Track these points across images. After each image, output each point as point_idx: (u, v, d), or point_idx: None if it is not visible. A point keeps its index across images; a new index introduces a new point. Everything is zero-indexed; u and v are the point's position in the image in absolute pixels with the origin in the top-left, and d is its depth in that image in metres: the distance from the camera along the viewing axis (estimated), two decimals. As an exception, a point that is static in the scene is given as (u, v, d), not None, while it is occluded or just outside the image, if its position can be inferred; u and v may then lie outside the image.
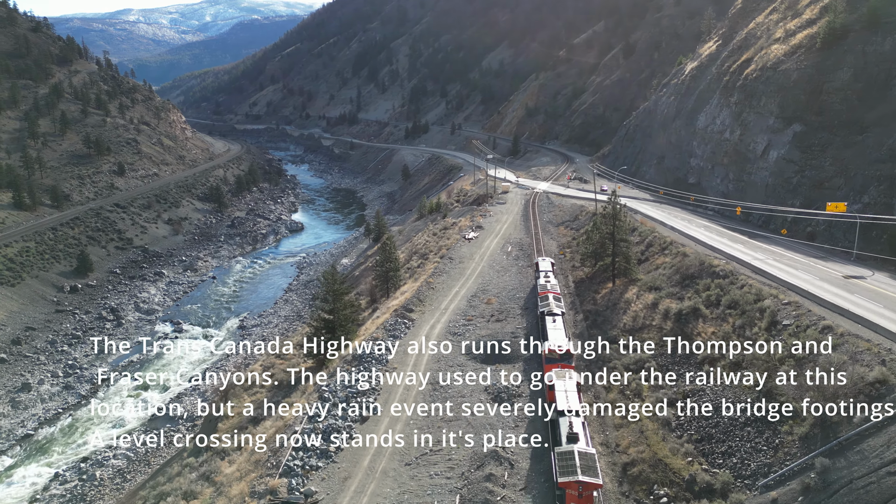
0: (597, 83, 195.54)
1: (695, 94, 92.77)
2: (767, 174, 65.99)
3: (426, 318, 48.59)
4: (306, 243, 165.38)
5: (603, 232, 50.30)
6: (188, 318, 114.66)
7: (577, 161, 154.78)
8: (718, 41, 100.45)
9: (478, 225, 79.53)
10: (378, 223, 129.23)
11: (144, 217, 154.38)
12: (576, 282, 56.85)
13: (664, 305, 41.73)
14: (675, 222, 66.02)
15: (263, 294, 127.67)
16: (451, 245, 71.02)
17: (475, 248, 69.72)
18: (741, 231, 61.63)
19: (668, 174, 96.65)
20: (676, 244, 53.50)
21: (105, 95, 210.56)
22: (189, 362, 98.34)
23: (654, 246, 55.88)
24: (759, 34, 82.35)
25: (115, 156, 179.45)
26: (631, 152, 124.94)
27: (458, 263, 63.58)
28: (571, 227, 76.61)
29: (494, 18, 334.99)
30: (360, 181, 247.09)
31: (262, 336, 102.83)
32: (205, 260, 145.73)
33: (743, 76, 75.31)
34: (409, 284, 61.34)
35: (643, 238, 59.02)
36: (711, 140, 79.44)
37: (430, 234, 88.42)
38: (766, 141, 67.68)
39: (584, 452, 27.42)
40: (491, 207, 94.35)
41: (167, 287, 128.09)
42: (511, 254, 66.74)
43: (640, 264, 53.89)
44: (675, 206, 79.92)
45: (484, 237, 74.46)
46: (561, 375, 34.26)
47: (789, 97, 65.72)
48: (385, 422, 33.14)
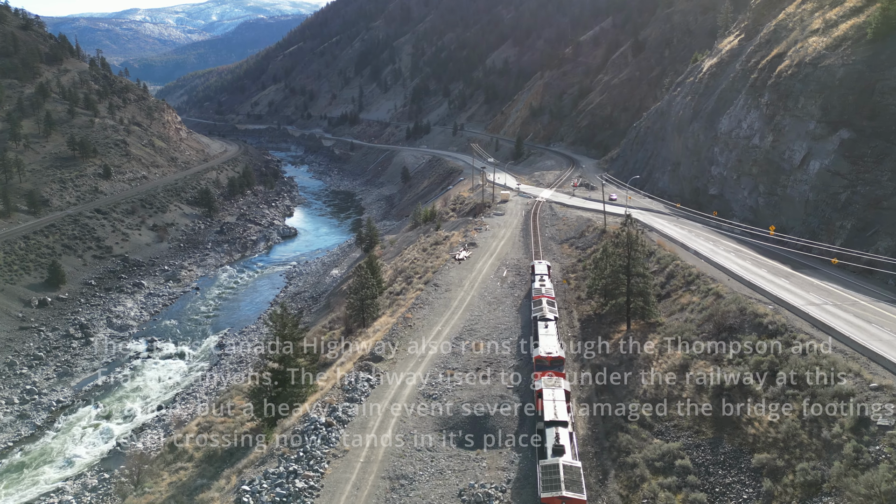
0: (604, 82, 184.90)
1: (715, 94, 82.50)
2: (807, 188, 55.81)
3: (397, 371, 38.95)
4: (299, 250, 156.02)
5: (615, 264, 40.47)
6: (164, 335, 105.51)
7: (583, 165, 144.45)
8: (741, 35, 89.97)
9: (471, 242, 69.77)
10: (370, 232, 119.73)
11: (127, 223, 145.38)
12: (581, 320, 46.93)
13: (697, 371, 31.69)
14: (699, 245, 55.87)
15: (247, 308, 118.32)
16: (439, 267, 61.36)
17: (466, 271, 60.04)
18: (779, 257, 51.47)
19: (684, 183, 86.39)
20: (704, 277, 43.45)
21: (95, 95, 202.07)
22: (159, 387, 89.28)
23: (677, 277, 45.86)
24: (790, 26, 71.98)
25: (101, 158, 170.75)
26: (641, 157, 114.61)
27: (444, 292, 53.92)
28: (577, 245, 66.65)
29: (499, 16, 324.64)
30: (360, 183, 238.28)
31: (240, 357, 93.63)
32: (189, 269, 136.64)
33: (775, 74, 64.93)
34: (385, 318, 51.77)
35: (662, 266, 48.97)
36: (737, 146, 69.21)
37: (419, 250, 78.82)
38: (805, 149, 57.46)
39: (569, 466, 26.07)
40: (488, 219, 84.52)
41: (146, 299, 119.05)
42: (506, 280, 56.95)
43: (660, 300, 44.01)
44: (695, 221, 69.72)
45: (477, 257, 64.74)
46: (550, 384, 32.80)
47: (834, 98, 55.42)
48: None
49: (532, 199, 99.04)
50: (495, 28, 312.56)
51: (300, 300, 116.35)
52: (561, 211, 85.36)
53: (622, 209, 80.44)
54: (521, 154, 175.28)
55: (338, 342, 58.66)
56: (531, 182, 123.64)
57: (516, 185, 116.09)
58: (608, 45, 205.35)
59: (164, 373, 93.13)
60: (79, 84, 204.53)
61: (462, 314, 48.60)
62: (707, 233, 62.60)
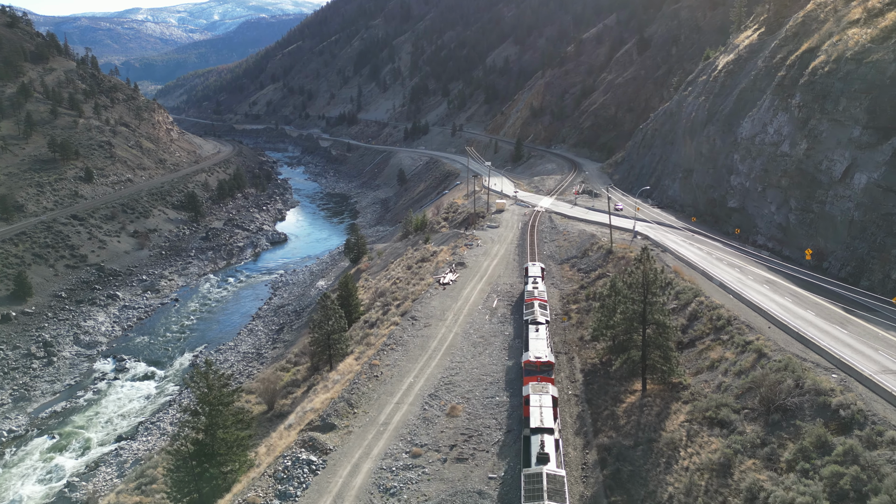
0: (608, 81, 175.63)
1: (733, 95, 73.45)
2: (852, 206, 46.85)
3: (349, 448, 30.21)
4: (287, 258, 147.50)
5: (628, 310, 31.68)
6: (135, 353, 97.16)
7: (585, 169, 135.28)
8: (760, 29, 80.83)
9: (459, 261, 60.96)
10: (358, 242, 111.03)
11: (105, 230, 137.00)
12: (585, 370, 38.00)
13: (745, 476, 22.58)
14: (724, 273, 46.84)
15: (228, 321, 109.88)
16: (420, 294, 52.66)
17: (450, 299, 51.31)
18: (823, 290, 42.43)
19: (698, 192, 77.38)
20: (738, 323, 34.54)
21: (81, 95, 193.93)
22: (123, 414, 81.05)
23: (703, 319, 36.98)
24: (822, 17, 62.91)
25: (83, 160, 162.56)
26: (649, 161, 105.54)
27: (423, 328, 45.23)
28: (579, 266, 57.79)
29: (500, 14, 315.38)
30: (355, 185, 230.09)
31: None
32: (170, 279, 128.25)
33: (808, 71, 55.81)
34: (351, 361, 43.06)
35: (683, 303, 40.04)
36: (762, 154, 60.19)
37: (404, 267, 70.15)
38: (847, 159, 48.50)
39: (552, 475, 25.14)
40: (480, 232, 75.68)
41: (119, 313, 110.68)
42: (496, 312, 48.15)
43: (682, 350, 35.28)
44: (714, 238, 60.76)
45: (465, 280, 55.99)
46: (538, 389, 31.72)
47: (885, 100, 46.36)
48: None
49: (530, 208, 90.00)
50: (496, 26, 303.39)
51: (283, 314, 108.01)
52: (561, 223, 76.32)
53: (629, 222, 71.58)
54: (521, 157, 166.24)
55: (302, 382, 50.10)
56: (530, 188, 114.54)
57: (514, 191, 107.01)
58: (612, 43, 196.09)
59: (130, 397, 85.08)
60: (64, 83, 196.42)
61: (440, 360, 39.88)
62: (730, 255, 53.57)
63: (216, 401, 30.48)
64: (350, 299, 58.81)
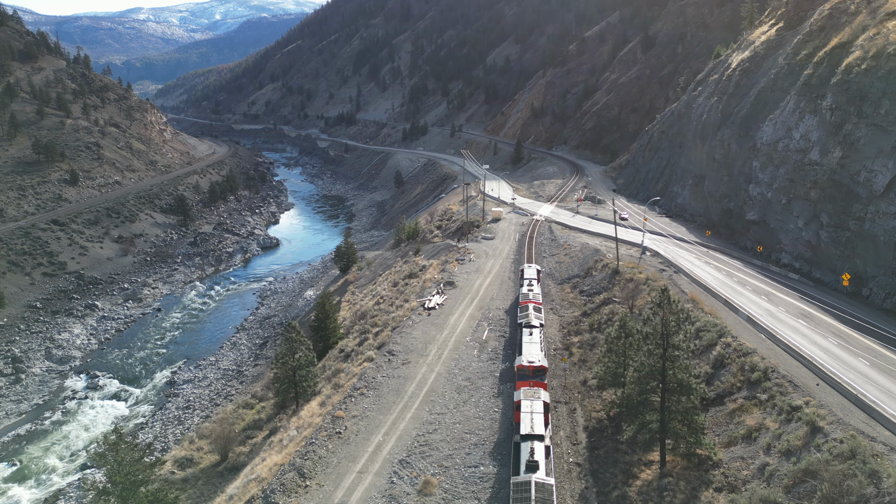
0: (611, 80, 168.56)
1: (750, 95, 66.65)
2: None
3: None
4: (278, 264, 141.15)
5: (643, 366, 24.97)
6: (110, 368, 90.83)
7: (588, 173, 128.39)
8: (778, 24, 73.92)
9: (448, 280, 54.33)
10: (348, 251, 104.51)
11: (87, 235, 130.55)
12: (589, 429, 31.06)
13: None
14: (751, 304, 39.96)
15: (211, 333, 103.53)
16: (402, 320, 46.08)
17: (435, 327, 44.72)
18: (867, 326, 35.74)
19: (710, 201, 70.60)
20: (778, 377, 27.76)
21: (70, 94, 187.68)
22: (91, 437, 74.73)
23: (732, 367, 30.19)
24: (852, 9, 56.12)
25: (69, 162, 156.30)
26: (655, 166, 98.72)
27: (401, 365, 38.70)
28: (581, 288, 51.11)
29: (501, 12, 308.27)
30: (352, 187, 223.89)
31: (188, 401, 79.03)
32: (153, 287, 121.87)
33: (841, 69, 48.95)
34: (314, 406, 36.48)
35: (706, 343, 33.26)
36: (786, 161, 53.41)
37: (389, 284, 63.60)
38: (891, 169, 41.76)
39: (541, 484, 23.87)
40: (474, 245, 69.04)
41: (97, 324, 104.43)
42: (486, 346, 41.50)
43: (708, 407, 28.69)
44: (733, 256, 53.99)
45: (453, 303, 49.39)
46: (529, 395, 30.37)
47: (937, 101, 39.96)
48: None
49: (529, 217, 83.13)
50: (497, 25, 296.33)
51: (268, 326, 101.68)
52: (562, 235, 69.54)
53: (636, 234, 64.88)
54: (521, 159, 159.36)
55: (266, 423, 43.57)
56: (529, 193, 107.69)
57: (512, 197, 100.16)
58: (615, 42, 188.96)
59: (101, 419, 78.76)
60: (53, 83, 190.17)
61: (417, 411, 33.29)
62: (752, 277, 46.77)
63: (126, 480, 24.12)
64: (327, 322, 52.29)
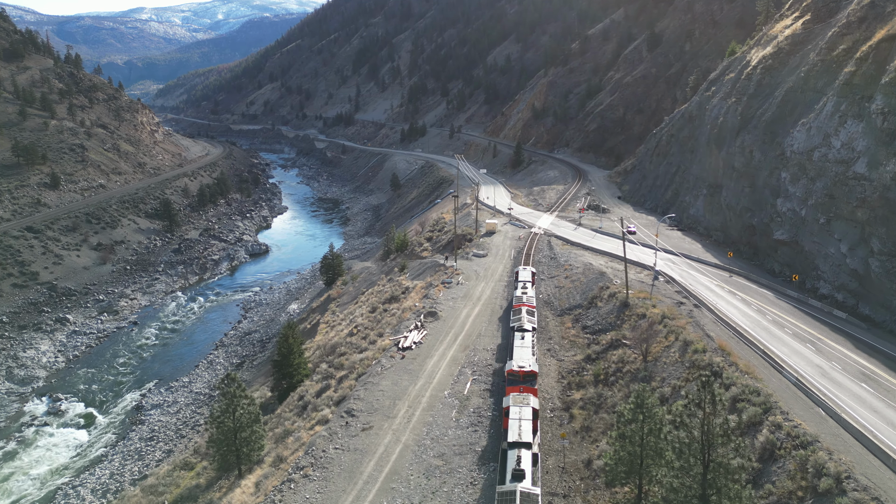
0: (615, 80, 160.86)
1: (776, 96, 59.17)
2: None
3: None
4: (267, 272, 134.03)
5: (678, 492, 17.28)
6: (76, 390, 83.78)
7: (591, 177, 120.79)
8: (804, 16, 66.34)
9: (430, 310, 46.70)
10: (333, 262, 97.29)
11: (64, 243, 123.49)
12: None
13: None
14: (798, 358, 32.10)
15: (188, 350, 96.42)
16: (372, 363, 38.63)
17: (408, 375, 37.11)
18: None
19: (729, 215, 63.09)
20: (856, 487, 20.32)
21: (56, 94, 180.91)
22: (45, 470, 67.83)
23: (787, 464, 22.17)
24: (897, -3, 48.82)
25: (52, 165, 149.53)
26: (664, 172, 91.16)
27: (360, 432, 30.95)
28: (585, 322, 43.53)
29: (502, 11, 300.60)
30: (348, 190, 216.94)
31: (153, 430, 72.10)
32: (131, 298, 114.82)
33: (894, 66, 41.66)
34: (252, 481, 29.12)
35: (747, 420, 25.29)
36: (823, 174, 45.93)
37: (368, 309, 56.22)
38: (962, 187, 34.53)
39: (527, 493, 23.30)
40: (465, 263, 61.53)
41: (67, 339, 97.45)
42: (468, 403, 33.58)
43: None
44: (760, 282, 46.35)
45: (433, 342, 41.77)
46: (518, 401, 29.69)
47: None
48: None
49: (526, 229, 75.44)
50: (498, 23, 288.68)
51: (247, 344, 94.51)
52: (563, 252, 61.96)
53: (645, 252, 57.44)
54: (521, 162, 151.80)
55: (204, 491, 36.23)
56: (528, 201, 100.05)
57: (509, 206, 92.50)
58: (619, 40, 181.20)
59: (58, 449, 71.68)
60: (38, 83, 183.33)
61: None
62: (790, 313, 39.08)
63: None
64: (291, 358, 44.90)
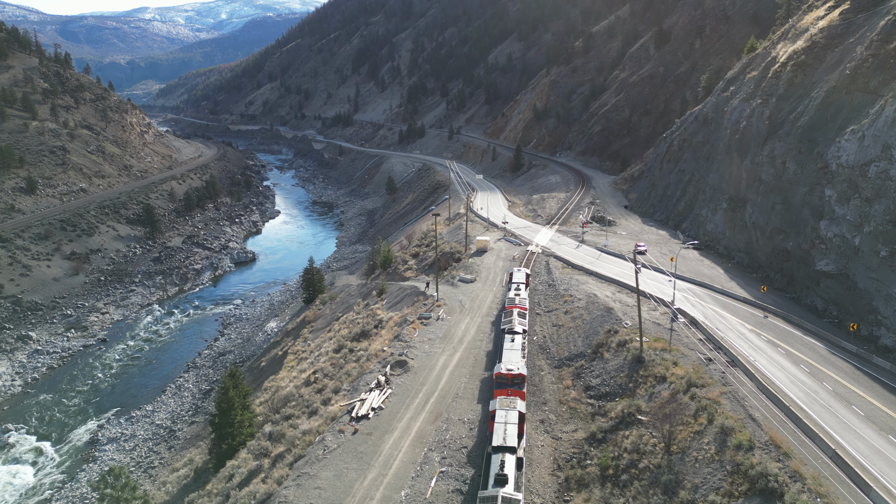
0: (620, 79, 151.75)
1: (814, 97, 50.43)
2: None
3: None
4: (250, 282, 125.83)
5: None
6: (28, 419, 75.90)
7: (595, 184, 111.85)
8: (841, 5, 57.48)
9: (399, 358, 37.69)
10: (314, 278, 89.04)
11: (34, 252, 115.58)
12: None
13: None
14: (883, 464, 23.86)
15: (156, 372, 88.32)
16: (315, 438, 29.84)
17: (357, 462, 27.69)
18: None
19: (756, 234, 54.30)
20: None
21: (39, 94, 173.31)
22: (-18, 517, 60.07)
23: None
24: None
25: (29, 168, 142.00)
26: (676, 180, 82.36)
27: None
28: (588, 380, 34.67)
29: (504, 8, 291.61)
30: (344, 193, 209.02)
31: (105, 466, 63.81)
32: (103, 312, 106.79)
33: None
34: None
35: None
36: (884, 193, 37.19)
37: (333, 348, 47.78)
38: None
39: (508, 498, 22.91)
40: (449, 290, 52.83)
41: (28, 360, 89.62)
42: None
43: None
44: (806, 328, 37.53)
45: (397, 406, 32.64)
46: (505, 404, 29.41)
47: None
48: None
49: (522, 247, 66.59)
50: (499, 21, 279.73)
51: (220, 366, 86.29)
52: (563, 278, 53.14)
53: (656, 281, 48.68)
54: (521, 166, 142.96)
55: None
56: (527, 211, 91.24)
57: (504, 219, 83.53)
58: (625, 37, 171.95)
59: (1, 489, 64.03)
60: (21, 82, 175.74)
61: None
62: (852, 378, 30.37)
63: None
64: (231, 415, 36.44)
